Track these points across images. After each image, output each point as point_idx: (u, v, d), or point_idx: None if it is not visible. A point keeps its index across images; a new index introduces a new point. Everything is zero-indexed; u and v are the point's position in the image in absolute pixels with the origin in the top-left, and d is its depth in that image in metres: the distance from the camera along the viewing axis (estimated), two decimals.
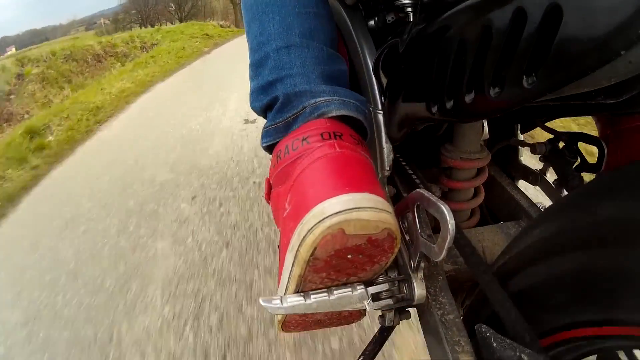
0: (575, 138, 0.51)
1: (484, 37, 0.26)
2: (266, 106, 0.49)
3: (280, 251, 0.39)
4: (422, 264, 0.38)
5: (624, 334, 0.25)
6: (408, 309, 0.44)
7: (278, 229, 0.42)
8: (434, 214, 0.32)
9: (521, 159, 0.63)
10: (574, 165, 0.52)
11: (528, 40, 0.22)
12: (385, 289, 0.39)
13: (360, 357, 0.46)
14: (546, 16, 0.21)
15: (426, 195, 0.34)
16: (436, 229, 0.33)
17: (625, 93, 0.22)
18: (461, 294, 0.52)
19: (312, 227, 0.32)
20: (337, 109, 0.43)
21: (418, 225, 0.36)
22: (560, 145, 0.54)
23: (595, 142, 0.48)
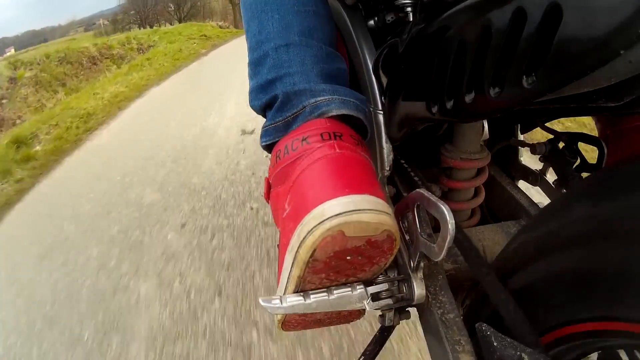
0: (575, 138, 0.51)
1: (483, 37, 0.26)
2: (265, 105, 0.49)
3: (280, 251, 0.39)
4: (422, 264, 0.38)
5: (624, 330, 0.25)
6: (408, 308, 0.44)
7: (277, 228, 0.42)
8: (434, 214, 0.32)
9: (521, 159, 0.63)
10: (574, 166, 0.52)
11: (528, 40, 0.22)
12: (384, 289, 0.39)
13: (361, 357, 0.47)
14: (546, 16, 0.21)
15: (426, 195, 0.34)
16: (436, 228, 0.33)
17: (626, 96, 0.22)
18: (461, 293, 0.52)
19: (312, 229, 0.32)
20: (337, 108, 0.43)
21: (418, 225, 0.36)
22: (560, 145, 0.54)
23: (595, 142, 0.48)
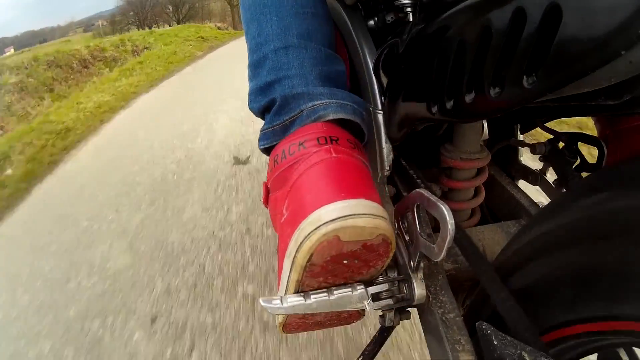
0: (575, 138, 0.51)
1: (483, 37, 0.26)
2: (264, 108, 0.49)
3: (279, 255, 0.40)
4: (422, 264, 0.38)
5: (624, 329, 0.25)
6: (408, 309, 0.44)
7: (276, 233, 0.43)
8: (434, 214, 0.32)
9: (521, 159, 0.63)
10: (574, 165, 0.52)
11: (528, 40, 0.22)
12: (385, 289, 0.39)
13: (360, 357, 0.46)
14: (546, 16, 0.21)
15: (426, 195, 0.34)
16: (436, 228, 0.33)
17: (626, 94, 0.22)
18: (461, 293, 0.52)
19: (309, 234, 0.33)
20: (335, 112, 0.43)
21: (418, 225, 0.36)
22: (560, 145, 0.54)
23: (595, 142, 0.48)
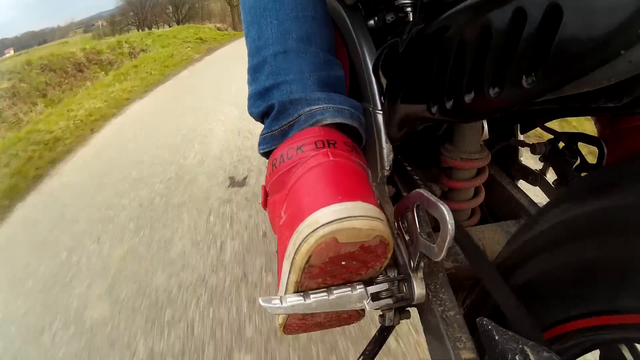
0: (575, 138, 0.51)
1: (483, 37, 0.26)
2: (263, 113, 0.50)
3: (278, 257, 0.40)
4: (422, 264, 0.38)
5: (626, 322, 0.25)
6: (408, 308, 0.44)
7: (275, 235, 0.43)
8: (434, 214, 0.32)
9: (521, 159, 0.63)
10: (574, 166, 0.52)
11: (528, 40, 0.22)
12: (384, 289, 0.39)
13: (360, 357, 0.46)
14: (546, 16, 0.21)
15: (426, 195, 0.34)
16: (436, 228, 0.33)
17: (626, 96, 0.22)
18: (462, 292, 0.52)
19: (307, 236, 0.33)
20: (332, 116, 0.44)
21: (418, 225, 0.36)
22: (560, 145, 0.54)
23: (595, 142, 0.48)
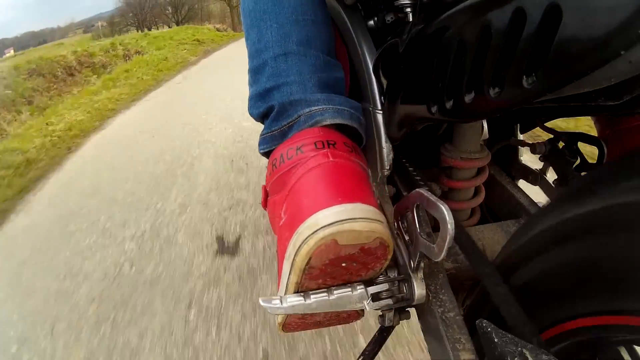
0: (575, 138, 0.51)
1: (483, 37, 0.26)
2: (263, 114, 0.50)
3: (278, 258, 0.40)
4: (422, 264, 0.38)
5: (625, 324, 0.24)
6: (408, 309, 0.44)
7: (275, 235, 0.43)
8: (434, 214, 0.32)
9: (521, 159, 0.63)
10: (574, 165, 0.52)
11: (527, 40, 0.22)
12: (385, 289, 0.39)
13: (360, 357, 0.46)
14: (546, 16, 0.21)
15: (426, 195, 0.34)
16: (437, 227, 0.33)
17: (626, 95, 0.22)
18: (462, 293, 0.52)
19: (307, 238, 0.33)
20: (332, 117, 0.44)
21: (418, 225, 0.36)
22: (560, 145, 0.54)
23: (595, 142, 0.48)
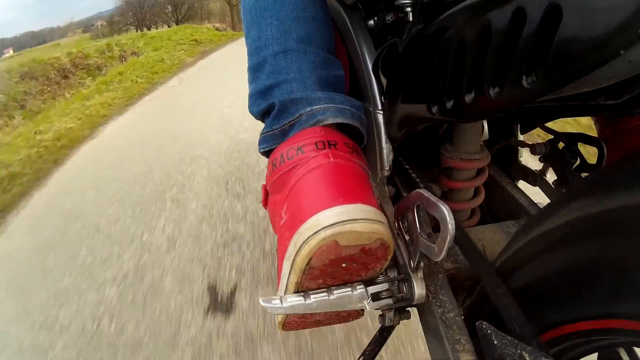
0: (575, 138, 0.51)
1: (483, 37, 0.26)
2: (264, 112, 0.50)
3: (278, 257, 0.40)
4: (422, 264, 0.38)
5: (624, 327, 0.24)
6: (408, 308, 0.44)
7: (275, 234, 0.43)
8: (434, 214, 0.32)
9: (521, 159, 0.63)
10: (574, 166, 0.52)
11: (527, 40, 0.22)
12: (385, 289, 0.39)
13: (360, 358, 0.46)
14: (545, 16, 0.21)
15: (426, 195, 0.34)
16: (436, 228, 0.33)
17: (626, 94, 0.22)
18: (461, 293, 0.52)
19: (307, 239, 0.33)
20: (333, 116, 0.44)
21: (418, 225, 0.36)
22: (560, 145, 0.54)
23: (595, 143, 0.48)
